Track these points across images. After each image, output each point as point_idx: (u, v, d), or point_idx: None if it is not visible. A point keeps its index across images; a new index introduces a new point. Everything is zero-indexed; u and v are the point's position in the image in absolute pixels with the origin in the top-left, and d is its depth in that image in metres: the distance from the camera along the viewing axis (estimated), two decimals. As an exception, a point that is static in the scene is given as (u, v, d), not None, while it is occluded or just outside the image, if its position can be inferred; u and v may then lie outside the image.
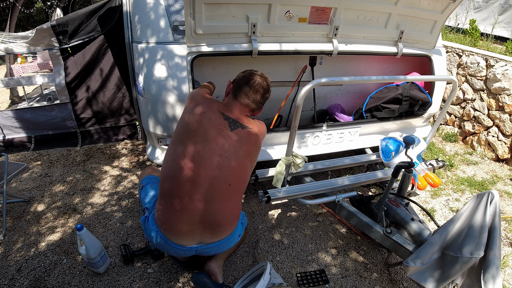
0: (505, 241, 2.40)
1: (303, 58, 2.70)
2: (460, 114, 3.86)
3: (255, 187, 2.90)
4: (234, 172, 1.64)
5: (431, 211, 2.69)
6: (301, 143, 2.41)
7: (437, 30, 2.47)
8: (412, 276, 1.62)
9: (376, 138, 2.64)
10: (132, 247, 2.24)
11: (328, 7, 2.09)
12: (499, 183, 3.11)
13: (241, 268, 2.12)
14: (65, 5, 6.27)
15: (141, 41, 2.10)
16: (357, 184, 2.24)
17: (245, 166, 1.70)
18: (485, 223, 1.38)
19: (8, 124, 2.64)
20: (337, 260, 2.21)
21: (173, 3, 2.12)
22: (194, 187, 1.59)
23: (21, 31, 5.36)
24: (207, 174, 1.60)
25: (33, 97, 4.73)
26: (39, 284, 1.99)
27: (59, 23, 2.42)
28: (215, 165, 1.61)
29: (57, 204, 2.66)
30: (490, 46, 4.38)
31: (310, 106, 3.01)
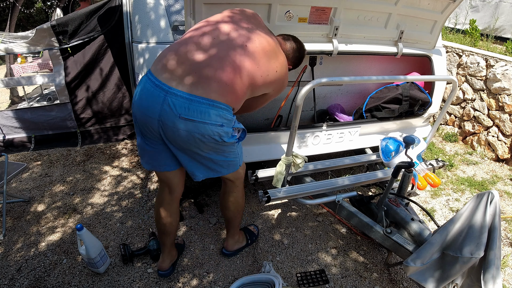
0: (505, 241, 2.40)
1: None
2: (460, 114, 3.86)
3: (255, 187, 2.90)
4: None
5: (431, 211, 2.69)
6: (301, 143, 2.41)
7: (437, 30, 2.47)
8: (412, 276, 1.62)
9: (376, 138, 2.64)
10: (132, 247, 2.24)
11: (328, 7, 2.09)
12: (499, 183, 3.11)
13: (241, 268, 2.13)
14: (65, 5, 6.27)
15: (141, 41, 2.10)
16: (357, 184, 2.24)
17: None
18: (485, 223, 1.38)
19: (8, 124, 2.64)
20: (337, 260, 2.21)
21: (173, 3, 2.12)
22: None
23: (21, 31, 5.36)
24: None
25: (33, 97, 4.73)
26: (39, 284, 1.99)
27: (59, 23, 2.42)
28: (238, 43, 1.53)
29: (57, 204, 2.66)
30: (490, 46, 4.38)
31: (310, 106, 3.01)
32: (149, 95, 1.46)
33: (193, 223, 2.48)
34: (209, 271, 2.09)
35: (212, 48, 1.49)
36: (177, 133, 1.48)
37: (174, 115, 1.43)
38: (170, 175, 1.78)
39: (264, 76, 1.58)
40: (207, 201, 2.72)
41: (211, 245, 2.29)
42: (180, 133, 1.47)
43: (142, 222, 2.48)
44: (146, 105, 1.48)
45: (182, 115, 1.43)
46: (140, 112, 1.52)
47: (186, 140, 1.50)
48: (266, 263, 2.03)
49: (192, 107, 1.42)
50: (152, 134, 1.55)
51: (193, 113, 1.43)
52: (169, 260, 2.02)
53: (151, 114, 1.47)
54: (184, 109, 1.42)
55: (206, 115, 1.44)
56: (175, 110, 1.42)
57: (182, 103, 1.42)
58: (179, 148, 1.57)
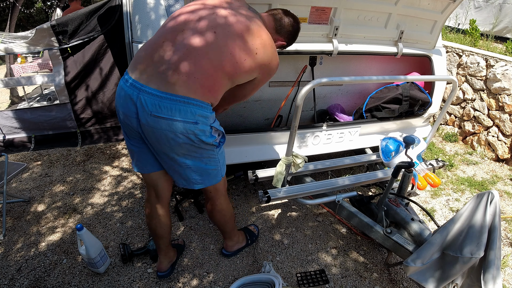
0: (505, 241, 2.40)
1: (303, 58, 2.70)
2: (460, 114, 3.86)
3: (255, 187, 2.90)
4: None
5: (431, 211, 2.69)
6: (301, 143, 2.41)
7: (437, 30, 2.47)
8: (412, 276, 1.62)
9: (376, 138, 2.64)
10: (132, 247, 2.24)
11: (328, 7, 2.09)
12: (499, 183, 3.11)
13: (241, 268, 2.12)
14: (65, 5, 6.27)
15: (142, 41, 2.10)
16: (357, 184, 2.24)
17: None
18: (485, 223, 1.38)
19: (8, 124, 2.64)
20: (337, 260, 2.21)
21: (173, 3, 2.12)
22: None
23: (21, 31, 5.36)
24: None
25: (33, 97, 4.73)
26: (39, 284, 1.99)
27: (59, 23, 2.42)
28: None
29: (57, 204, 2.66)
30: (490, 46, 4.38)
31: (310, 106, 3.01)
32: (124, 95, 1.44)
33: (193, 223, 2.48)
34: (209, 271, 2.09)
35: (180, 40, 1.41)
36: (152, 132, 1.44)
37: (146, 113, 1.39)
38: (155, 177, 1.73)
39: (241, 62, 1.44)
40: (207, 201, 2.71)
41: (211, 245, 2.29)
42: (154, 132, 1.43)
43: (142, 222, 2.48)
44: (123, 104, 1.47)
45: (153, 113, 1.38)
46: (121, 112, 1.51)
47: (160, 140, 1.45)
48: (266, 263, 2.03)
49: (162, 105, 1.37)
50: (134, 133, 1.54)
51: (164, 111, 1.38)
52: (167, 261, 2.01)
53: (129, 113, 1.45)
54: (155, 107, 1.38)
55: (177, 112, 1.38)
56: (147, 108, 1.38)
57: (153, 101, 1.37)
58: (156, 151, 1.54)
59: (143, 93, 1.39)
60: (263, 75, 1.59)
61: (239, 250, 2.21)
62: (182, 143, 1.45)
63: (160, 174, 1.72)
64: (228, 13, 1.47)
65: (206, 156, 1.56)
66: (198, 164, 1.57)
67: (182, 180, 1.64)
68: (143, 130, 1.47)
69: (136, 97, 1.40)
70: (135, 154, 1.66)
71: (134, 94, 1.41)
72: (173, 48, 1.41)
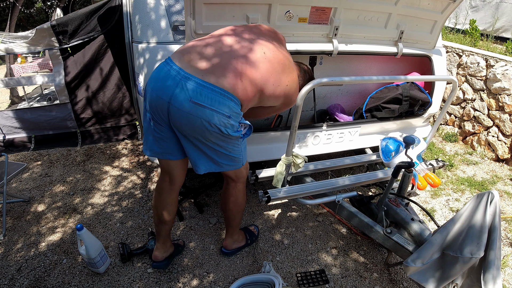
0: (505, 241, 2.40)
1: (303, 58, 2.70)
2: (460, 114, 3.86)
3: (255, 187, 2.90)
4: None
5: (431, 211, 2.69)
6: (301, 143, 2.41)
7: (437, 30, 2.47)
8: (412, 276, 1.62)
9: (376, 138, 2.64)
10: (132, 247, 2.24)
11: (328, 7, 2.09)
12: (499, 183, 3.11)
13: (241, 268, 2.12)
14: (65, 5, 6.27)
15: (142, 41, 2.10)
16: (357, 184, 2.24)
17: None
18: (485, 223, 1.38)
19: (8, 124, 2.64)
20: (337, 260, 2.21)
21: (174, 4, 2.12)
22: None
23: (21, 31, 5.35)
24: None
25: (33, 97, 4.73)
26: (39, 284, 1.99)
27: (59, 23, 2.42)
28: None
29: (57, 204, 2.66)
30: (490, 46, 4.38)
31: (310, 106, 3.01)
32: (165, 76, 1.50)
33: (193, 223, 2.48)
34: (209, 271, 2.09)
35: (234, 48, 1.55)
36: (185, 117, 1.49)
37: (185, 98, 1.45)
38: (173, 164, 1.78)
39: (275, 86, 1.61)
40: (207, 201, 2.71)
41: (211, 245, 2.29)
42: (187, 117, 1.48)
43: (142, 222, 2.48)
44: (160, 86, 1.50)
45: (193, 99, 1.45)
46: (154, 94, 1.53)
47: (192, 125, 1.50)
48: (266, 263, 2.03)
49: (204, 93, 1.45)
50: (161, 118, 1.56)
51: (204, 99, 1.45)
52: (163, 250, 2.03)
53: (163, 95, 1.49)
54: (196, 94, 1.45)
55: (216, 103, 1.46)
56: (187, 93, 1.45)
57: (195, 88, 1.45)
58: (185, 135, 1.58)
59: (186, 79, 1.46)
60: (283, 104, 1.77)
61: (238, 249, 2.22)
62: (212, 131, 1.52)
63: (177, 162, 1.77)
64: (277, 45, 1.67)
65: (231, 144, 1.64)
66: (223, 151, 1.65)
67: (204, 162, 1.67)
68: (175, 114, 1.50)
69: (178, 81, 1.47)
70: (154, 139, 1.68)
71: (176, 78, 1.47)
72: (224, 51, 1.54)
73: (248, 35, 1.63)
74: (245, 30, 1.66)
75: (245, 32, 1.64)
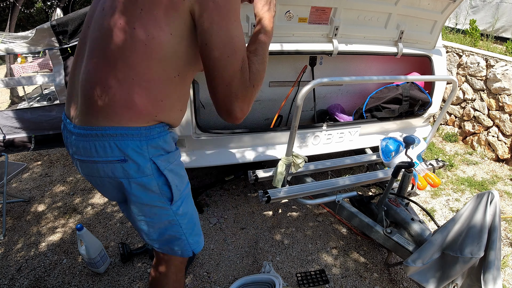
0: (505, 241, 2.40)
1: (303, 58, 2.70)
2: (460, 114, 3.86)
3: (255, 187, 2.90)
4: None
5: (431, 211, 2.69)
6: (301, 143, 2.41)
7: (437, 30, 2.47)
8: (412, 276, 1.62)
9: (376, 138, 2.64)
10: (132, 247, 2.24)
11: (328, 7, 2.09)
12: (499, 183, 3.11)
13: (241, 268, 2.13)
14: (65, 5, 6.28)
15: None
16: (357, 184, 2.23)
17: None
18: (485, 223, 1.38)
19: (8, 124, 2.64)
20: (337, 260, 2.21)
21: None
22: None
23: (21, 31, 5.36)
24: None
25: (33, 97, 4.73)
26: (39, 284, 1.99)
27: (59, 23, 2.42)
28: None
29: (57, 204, 2.66)
30: (490, 46, 4.38)
31: (310, 106, 3.01)
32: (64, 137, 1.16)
33: (193, 223, 2.48)
34: (209, 271, 2.09)
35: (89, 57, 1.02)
36: (89, 179, 1.14)
37: (72, 157, 1.11)
38: None
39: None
40: (207, 201, 2.72)
41: (211, 245, 2.29)
42: (90, 180, 1.13)
43: (142, 222, 2.48)
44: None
45: (75, 155, 1.07)
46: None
47: (101, 189, 1.15)
48: (266, 263, 2.03)
49: (78, 143, 1.03)
50: None
51: (81, 151, 1.04)
52: None
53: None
54: (74, 147, 1.05)
55: (93, 151, 1.01)
56: (71, 149, 1.08)
57: (72, 140, 1.06)
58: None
59: (69, 133, 1.09)
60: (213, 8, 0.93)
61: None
62: (115, 193, 1.11)
63: None
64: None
65: (152, 216, 1.10)
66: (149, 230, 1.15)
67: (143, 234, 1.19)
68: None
69: (68, 143, 1.12)
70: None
71: (67, 135, 1.12)
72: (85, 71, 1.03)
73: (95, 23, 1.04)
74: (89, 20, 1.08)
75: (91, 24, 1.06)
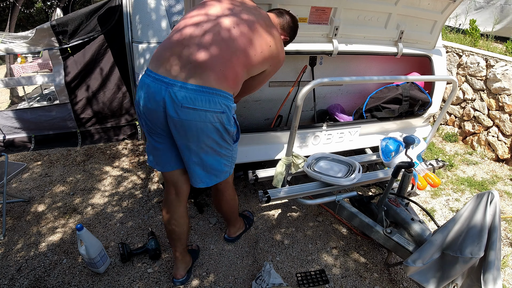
0: (505, 241, 2.40)
1: (303, 58, 2.70)
2: (460, 114, 3.86)
3: (255, 187, 2.90)
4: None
5: (431, 211, 2.69)
6: (301, 143, 2.41)
7: (437, 30, 2.47)
8: (412, 276, 1.62)
9: (376, 138, 2.64)
10: (132, 247, 2.24)
11: (328, 7, 2.09)
12: (499, 183, 3.11)
13: (241, 268, 2.13)
14: (65, 5, 6.27)
15: (142, 41, 2.10)
16: (357, 184, 2.23)
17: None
18: (485, 223, 1.38)
19: (8, 124, 2.64)
20: (337, 260, 2.21)
21: (174, 4, 2.12)
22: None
23: (21, 31, 5.35)
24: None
25: (33, 97, 4.73)
26: (39, 284, 1.99)
27: (59, 23, 2.42)
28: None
29: (57, 204, 2.66)
30: (490, 46, 4.38)
31: (310, 106, 3.00)
32: (151, 90, 1.48)
33: (193, 223, 2.48)
34: (209, 271, 2.09)
35: (203, 35, 1.50)
36: (181, 124, 1.49)
37: (176, 105, 1.45)
38: (176, 174, 1.76)
39: (258, 53, 1.57)
40: (207, 201, 2.72)
41: (211, 245, 2.29)
42: (183, 124, 1.49)
43: (142, 222, 2.48)
44: (150, 100, 1.50)
45: (184, 105, 1.45)
46: (145, 108, 1.54)
47: (188, 131, 1.50)
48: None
49: (192, 96, 1.44)
50: (160, 128, 1.57)
51: (194, 102, 1.45)
52: (183, 267, 1.98)
53: (155, 107, 1.49)
54: (185, 99, 1.44)
55: (207, 103, 1.46)
56: (177, 100, 1.44)
57: (183, 93, 1.44)
58: (183, 143, 1.57)
59: (172, 86, 1.45)
60: (273, 66, 1.71)
61: (239, 235, 2.35)
62: (209, 133, 1.52)
63: (181, 172, 1.76)
64: (247, 11, 1.59)
65: (224, 149, 1.64)
66: (217, 159, 1.65)
67: (199, 175, 1.68)
68: (171, 123, 1.51)
69: (164, 91, 1.45)
70: (159, 152, 1.68)
71: (162, 88, 1.46)
72: (197, 42, 1.48)
73: (215, 11, 1.57)
74: (211, 6, 1.59)
75: (212, 9, 1.58)
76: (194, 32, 1.51)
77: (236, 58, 1.51)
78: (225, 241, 2.32)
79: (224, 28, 1.51)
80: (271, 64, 1.69)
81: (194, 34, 1.50)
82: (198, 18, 1.55)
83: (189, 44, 1.48)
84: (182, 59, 1.47)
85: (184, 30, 1.53)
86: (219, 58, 1.47)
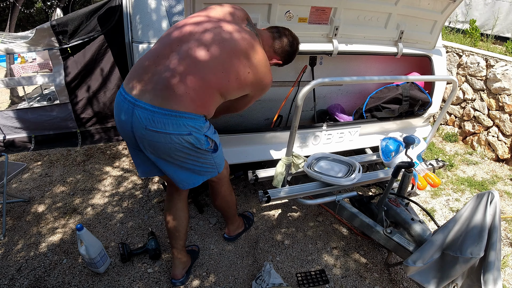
0: (505, 241, 2.40)
1: (303, 58, 2.70)
2: (460, 114, 3.86)
3: (255, 187, 2.90)
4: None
5: (431, 211, 2.69)
6: (301, 143, 2.41)
7: (437, 30, 2.47)
8: (412, 276, 1.62)
9: (376, 138, 2.64)
10: (132, 247, 2.24)
11: (328, 7, 2.09)
12: (499, 183, 3.11)
13: (241, 268, 2.13)
14: (65, 5, 6.27)
15: (143, 41, 2.10)
16: (357, 184, 2.23)
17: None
18: (485, 223, 1.38)
19: (9, 124, 2.64)
20: (337, 260, 2.21)
21: (174, 4, 2.12)
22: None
23: (21, 31, 5.36)
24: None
25: (33, 97, 4.72)
26: (39, 284, 1.99)
27: (59, 23, 2.42)
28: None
29: (58, 205, 2.66)
30: (490, 46, 4.38)
31: (310, 106, 3.00)
32: (120, 109, 1.49)
33: (193, 223, 2.48)
34: (209, 271, 2.09)
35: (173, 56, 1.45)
36: (148, 143, 1.49)
37: (141, 126, 1.44)
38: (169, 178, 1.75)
39: (232, 79, 1.49)
40: (207, 201, 2.72)
41: (211, 245, 2.29)
42: (150, 143, 1.48)
43: (142, 222, 2.48)
44: (120, 118, 1.52)
45: (148, 127, 1.43)
46: (118, 125, 1.57)
47: (157, 148, 1.49)
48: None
49: (155, 119, 1.41)
50: (133, 144, 1.57)
51: (157, 125, 1.42)
52: (181, 267, 1.97)
53: (125, 126, 1.51)
54: (149, 121, 1.42)
55: (170, 126, 1.42)
56: (141, 121, 1.43)
57: (147, 115, 1.42)
58: (157, 157, 1.56)
59: (137, 108, 1.43)
60: (256, 91, 1.65)
61: (239, 234, 2.34)
62: (179, 151, 1.51)
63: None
64: (226, 32, 1.49)
65: (201, 159, 1.61)
66: (196, 165, 1.63)
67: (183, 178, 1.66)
68: (139, 142, 1.52)
69: (131, 111, 1.45)
70: (141, 162, 1.69)
71: (129, 108, 1.45)
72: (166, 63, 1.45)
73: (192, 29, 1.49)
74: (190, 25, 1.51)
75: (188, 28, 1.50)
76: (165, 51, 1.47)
77: (206, 82, 1.44)
78: (225, 240, 2.32)
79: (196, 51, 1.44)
80: (253, 90, 1.61)
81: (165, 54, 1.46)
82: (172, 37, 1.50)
83: (159, 64, 1.45)
84: (150, 79, 1.44)
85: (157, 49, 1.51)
86: (188, 80, 1.41)
